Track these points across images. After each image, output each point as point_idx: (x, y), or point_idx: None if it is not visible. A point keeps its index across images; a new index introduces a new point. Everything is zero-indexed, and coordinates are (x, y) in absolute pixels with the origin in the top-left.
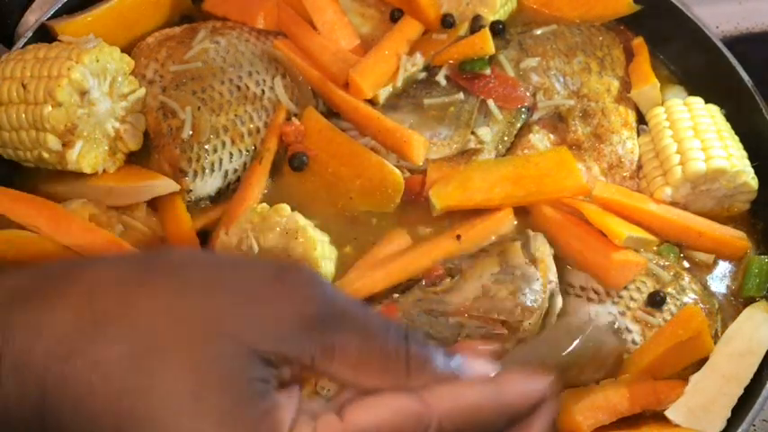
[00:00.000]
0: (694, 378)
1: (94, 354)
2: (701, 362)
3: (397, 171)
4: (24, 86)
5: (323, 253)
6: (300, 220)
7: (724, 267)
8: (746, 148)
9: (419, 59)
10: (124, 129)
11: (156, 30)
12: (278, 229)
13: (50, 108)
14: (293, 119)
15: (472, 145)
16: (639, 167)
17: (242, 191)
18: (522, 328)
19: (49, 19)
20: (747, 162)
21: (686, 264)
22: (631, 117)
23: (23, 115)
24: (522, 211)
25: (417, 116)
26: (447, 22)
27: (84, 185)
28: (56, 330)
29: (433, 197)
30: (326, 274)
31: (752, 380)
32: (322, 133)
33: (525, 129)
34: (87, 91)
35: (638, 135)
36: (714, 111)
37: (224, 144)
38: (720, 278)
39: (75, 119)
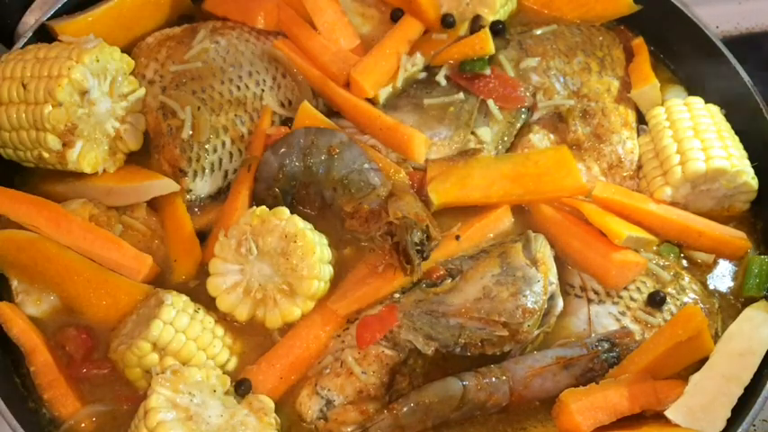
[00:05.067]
0: (694, 378)
1: None
2: (701, 362)
3: (397, 167)
4: (24, 86)
5: (322, 256)
6: (299, 222)
7: (724, 267)
8: (746, 148)
9: (419, 59)
10: (124, 129)
11: (156, 30)
12: (277, 232)
13: (50, 108)
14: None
15: (472, 145)
16: (639, 167)
17: (231, 201)
18: (522, 330)
19: (49, 19)
20: (747, 162)
21: (686, 264)
22: (631, 117)
23: (24, 115)
24: (522, 211)
25: (417, 116)
26: (447, 22)
27: (84, 185)
28: None
29: (432, 193)
30: (325, 277)
31: (752, 380)
32: None
33: (525, 129)
34: (87, 91)
35: (638, 135)
36: (714, 111)
37: (224, 144)
38: (721, 278)
39: (76, 119)
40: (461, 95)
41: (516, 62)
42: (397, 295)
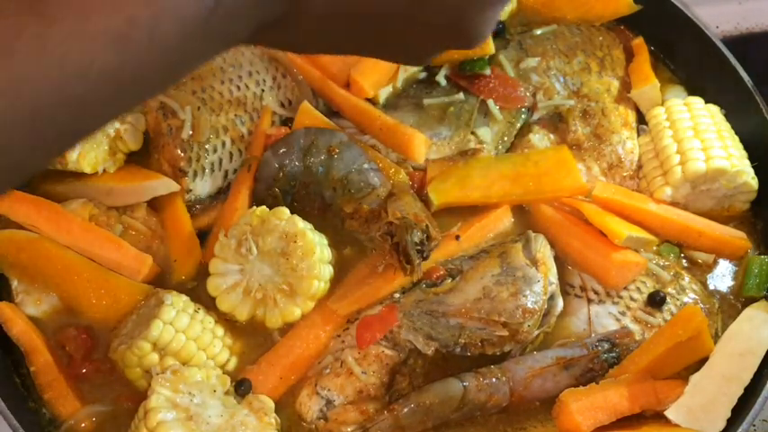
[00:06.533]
0: (694, 378)
1: None
2: (701, 362)
3: (397, 167)
4: None
5: (322, 256)
6: (299, 223)
7: (724, 267)
8: (746, 148)
9: None
10: (124, 129)
11: None
12: (277, 232)
13: None
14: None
15: (472, 145)
16: (639, 167)
17: (231, 201)
18: (522, 330)
19: None
20: (747, 162)
21: (686, 264)
22: (631, 117)
23: None
24: (522, 211)
25: (417, 116)
26: None
27: (84, 185)
28: None
29: (432, 193)
30: (325, 277)
31: (752, 380)
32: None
33: (525, 129)
34: None
35: (638, 135)
36: (714, 111)
37: (224, 144)
38: (721, 278)
39: None
40: (461, 95)
41: (516, 62)
42: (397, 295)
